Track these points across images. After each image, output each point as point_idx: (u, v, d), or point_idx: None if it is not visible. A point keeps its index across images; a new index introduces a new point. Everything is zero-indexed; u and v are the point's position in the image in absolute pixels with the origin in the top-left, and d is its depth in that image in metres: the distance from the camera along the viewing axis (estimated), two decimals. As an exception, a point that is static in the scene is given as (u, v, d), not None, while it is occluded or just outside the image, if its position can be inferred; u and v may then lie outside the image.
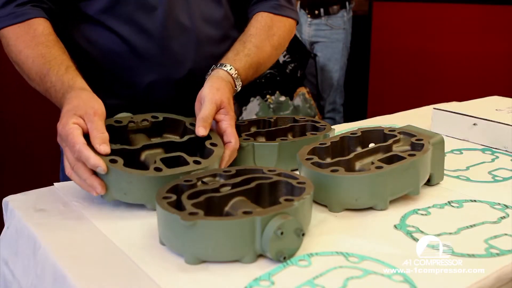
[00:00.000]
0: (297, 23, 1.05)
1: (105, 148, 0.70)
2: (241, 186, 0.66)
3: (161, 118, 0.83)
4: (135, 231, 0.67)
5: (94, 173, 0.69)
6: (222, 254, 0.57)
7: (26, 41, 0.84)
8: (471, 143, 1.02)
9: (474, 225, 0.67)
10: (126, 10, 0.90)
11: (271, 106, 2.90)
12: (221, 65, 0.88)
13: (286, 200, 0.61)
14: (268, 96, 2.90)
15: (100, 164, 0.67)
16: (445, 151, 0.81)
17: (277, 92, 2.92)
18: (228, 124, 0.80)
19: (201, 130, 0.77)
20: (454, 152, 0.97)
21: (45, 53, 0.83)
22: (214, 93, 0.81)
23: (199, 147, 0.79)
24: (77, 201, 0.75)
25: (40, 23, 0.86)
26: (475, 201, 0.74)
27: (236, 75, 0.88)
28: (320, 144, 0.79)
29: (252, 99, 2.85)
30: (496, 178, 0.84)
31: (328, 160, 0.76)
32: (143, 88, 0.94)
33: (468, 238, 0.64)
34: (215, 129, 0.81)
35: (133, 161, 0.74)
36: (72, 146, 0.68)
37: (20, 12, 0.86)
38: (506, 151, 0.96)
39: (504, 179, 0.83)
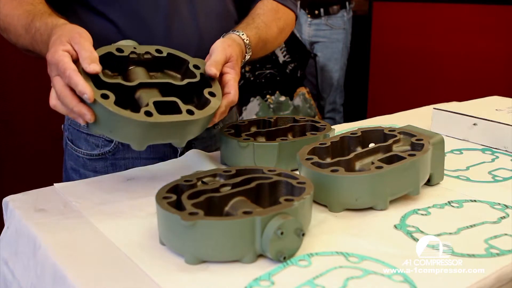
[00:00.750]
0: (296, 18, 1.07)
1: (95, 67, 0.68)
2: (241, 186, 0.66)
3: (165, 54, 0.80)
4: (135, 231, 0.67)
5: (82, 101, 0.68)
6: (222, 254, 0.57)
7: (12, 4, 0.85)
8: (471, 143, 1.02)
9: (474, 225, 0.67)
10: (130, 3, 0.90)
11: (271, 106, 2.90)
12: (233, 31, 0.89)
13: (286, 200, 0.61)
14: (268, 96, 2.90)
15: (86, 92, 0.65)
16: (445, 151, 0.81)
17: (277, 92, 2.93)
18: (231, 77, 0.79)
19: (212, 70, 0.76)
20: (454, 152, 0.97)
21: (30, 9, 0.83)
22: (225, 47, 0.81)
23: (197, 94, 0.78)
24: (77, 201, 0.76)
25: None
26: (475, 201, 0.74)
27: (247, 41, 0.89)
28: (320, 144, 0.79)
29: (252, 99, 2.86)
30: (496, 178, 0.84)
31: (328, 160, 0.76)
32: None
33: (468, 238, 0.64)
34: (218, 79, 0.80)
35: (126, 96, 0.72)
36: (63, 72, 0.67)
37: None
38: (506, 151, 0.96)
39: (504, 179, 0.83)
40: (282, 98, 2.93)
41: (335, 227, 0.67)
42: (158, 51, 0.79)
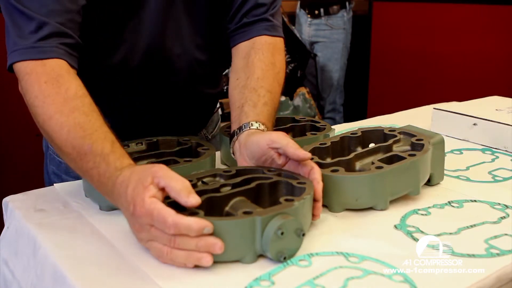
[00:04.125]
0: (285, 41, 0.98)
1: (194, 199, 0.59)
2: (241, 186, 0.66)
3: (155, 139, 0.84)
4: (135, 231, 0.67)
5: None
6: (223, 254, 0.57)
7: (56, 104, 0.70)
8: (471, 143, 1.02)
9: (474, 225, 0.67)
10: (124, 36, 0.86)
11: (271, 106, 2.90)
12: (246, 125, 0.79)
13: (286, 200, 0.61)
14: (268, 96, 2.89)
15: (206, 224, 0.56)
16: (445, 151, 0.81)
17: (277, 92, 2.92)
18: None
19: (305, 153, 0.68)
20: (454, 152, 0.97)
21: (83, 122, 0.68)
22: (282, 134, 0.72)
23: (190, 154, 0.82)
24: (77, 201, 0.75)
25: (70, 77, 0.73)
26: (475, 201, 0.74)
27: (263, 127, 0.79)
28: (320, 144, 0.79)
29: (252, 99, 2.85)
30: (496, 178, 0.84)
31: (328, 160, 0.76)
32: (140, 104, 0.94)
33: (468, 238, 0.64)
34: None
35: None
36: (163, 222, 0.56)
37: (41, 47, 0.73)
38: (506, 151, 0.96)
39: (504, 179, 0.83)
40: (282, 98, 2.93)
41: (335, 227, 0.67)
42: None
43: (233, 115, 0.83)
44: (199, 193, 0.63)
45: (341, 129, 1.03)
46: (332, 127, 0.93)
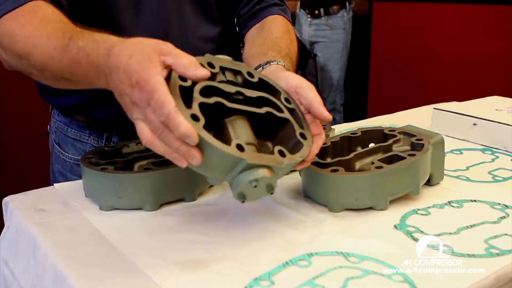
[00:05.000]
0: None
1: (203, 72, 0.57)
2: (252, 104, 0.63)
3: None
4: (135, 231, 0.67)
5: None
6: (197, 167, 0.57)
7: (35, 24, 0.69)
8: (471, 143, 1.02)
9: (474, 225, 0.67)
10: (122, 28, 0.86)
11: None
12: (274, 61, 0.78)
13: (280, 152, 0.60)
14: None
15: (192, 135, 0.53)
16: (445, 151, 0.81)
17: (277, 92, 2.92)
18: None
19: (328, 114, 0.66)
20: (454, 152, 0.97)
21: (62, 27, 0.68)
22: (310, 85, 0.69)
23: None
24: (77, 201, 0.75)
25: (47, 6, 0.72)
26: (475, 201, 0.74)
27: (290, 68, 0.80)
28: (320, 144, 0.79)
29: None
30: (496, 178, 0.84)
31: (328, 160, 0.76)
32: None
33: (468, 238, 0.64)
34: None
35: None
36: (160, 107, 0.53)
37: None
38: (506, 151, 0.96)
39: (504, 179, 0.83)
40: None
41: (335, 227, 0.67)
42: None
43: (256, 63, 0.80)
44: (212, 90, 0.61)
45: (341, 129, 1.03)
46: (332, 127, 0.93)
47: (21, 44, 0.70)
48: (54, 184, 0.82)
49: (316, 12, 3.01)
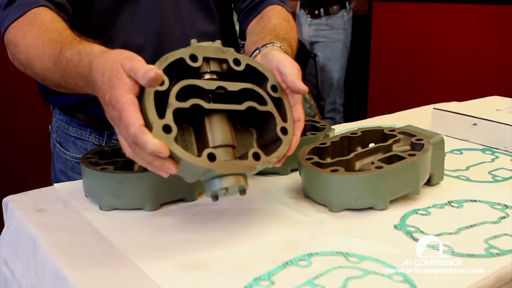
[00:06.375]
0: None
1: (152, 74, 0.55)
2: (232, 101, 0.62)
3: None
4: (135, 231, 0.67)
5: None
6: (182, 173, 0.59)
7: (34, 34, 0.73)
8: (471, 143, 1.02)
9: (474, 225, 0.67)
10: (121, 21, 0.87)
11: (271, 106, 2.90)
12: (271, 43, 0.78)
13: (254, 154, 0.60)
14: (268, 96, 2.89)
15: (161, 150, 0.54)
16: (445, 151, 0.81)
17: (277, 92, 2.92)
18: (299, 99, 0.69)
19: (303, 85, 0.67)
20: (454, 152, 0.97)
21: (56, 37, 0.71)
22: (293, 62, 0.70)
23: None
24: (77, 201, 0.75)
25: (47, 13, 0.76)
26: (475, 201, 0.74)
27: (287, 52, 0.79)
28: (320, 144, 0.79)
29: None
30: (496, 178, 0.84)
31: (328, 160, 0.76)
32: None
33: (468, 238, 0.64)
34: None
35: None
36: (126, 128, 0.55)
37: (25, 3, 0.76)
38: (506, 151, 0.96)
39: (504, 179, 0.83)
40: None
41: (335, 227, 0.67)
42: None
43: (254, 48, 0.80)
44: (192, 88, 0.61)
45: (341, 129, 1.03)
46: (332, 127, 0.93)
47: (23, 54, 0.74)
48: (54, 184, 0.82)
49: (316, 12, 3.02)
